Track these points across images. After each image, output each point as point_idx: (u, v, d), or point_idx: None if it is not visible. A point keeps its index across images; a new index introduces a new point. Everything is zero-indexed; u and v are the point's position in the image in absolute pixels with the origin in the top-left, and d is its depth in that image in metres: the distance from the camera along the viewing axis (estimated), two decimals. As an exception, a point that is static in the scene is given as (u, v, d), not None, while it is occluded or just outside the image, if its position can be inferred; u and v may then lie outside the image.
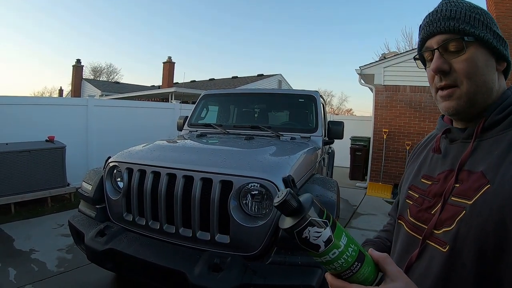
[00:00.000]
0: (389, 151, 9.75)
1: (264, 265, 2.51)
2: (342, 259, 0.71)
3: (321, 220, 0.71)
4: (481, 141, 0.92)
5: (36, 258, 4.31)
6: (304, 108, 4.90)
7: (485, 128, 0.91)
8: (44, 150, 6.41)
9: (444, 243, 0.88)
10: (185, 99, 17.37)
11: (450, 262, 0.85)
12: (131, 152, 3.31)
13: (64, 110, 7.89)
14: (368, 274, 0.74)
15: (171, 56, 24.38)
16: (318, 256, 0.72)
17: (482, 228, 0.80)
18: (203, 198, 2.69)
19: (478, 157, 0.90)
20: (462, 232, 0.84)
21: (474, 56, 0.90)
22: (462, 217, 0.85)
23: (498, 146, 0.86)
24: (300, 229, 0.69)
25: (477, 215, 0.82)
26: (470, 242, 0.82)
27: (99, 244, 2.84)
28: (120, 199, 3.12)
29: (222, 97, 5.70)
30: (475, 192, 0.84)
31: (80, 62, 27.87)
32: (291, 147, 3.62)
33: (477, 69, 0.90)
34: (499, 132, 0.89)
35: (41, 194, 6.38)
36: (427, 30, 0.97)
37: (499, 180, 0.80)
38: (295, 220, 0.70)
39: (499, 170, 0.82)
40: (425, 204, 0.99)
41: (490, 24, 0.93)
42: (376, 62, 10.04)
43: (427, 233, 0.93)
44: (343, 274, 0.73)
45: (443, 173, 0.98)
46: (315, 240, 0.69)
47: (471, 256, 0.81)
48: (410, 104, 9.44)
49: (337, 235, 0.71)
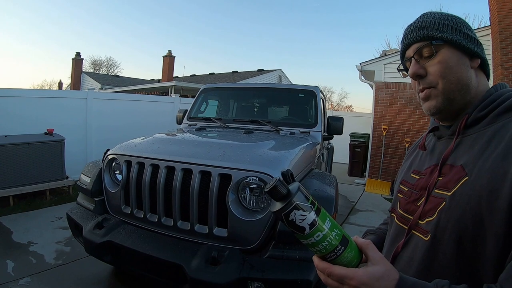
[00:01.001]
0: (388, 148, 9.76)
1: (262, 259, 2.51)
2: (326, 242, 0.78)
3: (306, 205, 0.78)
4: (464, 137, 0.98)
5: (34, 251, 4.31)
6: (304, 103, 4.89)
7: (468, 125, 0.97)
8: (43, 143, 6.40)
9: (426, 232, 0.94)
10: (185, 93, 17.37)
11: (431, 250, 0.92)
12: (130, 145, 3.31)
13: (64, 103, 7.88)
14: (351, 258, 0.81)
15: (171, 50, 24.38)
16: (304, 238, 0.79)
17: (460, 217, 0.85)
18: (202, 191, 2.68)
19: (460, 152, 0.96)
20: (442, 221, 0.89)
21: (446, 57, 0.98)
22: (442, 208, 0.90)
23: (479, 141, 0.92)
24: (287, 212, 0.77)
25: (455, 205, 0.87)
26: (449, 231, 0.87)
27: (97, 237, 2.83)
28: (119, 192, 3.11)
29: (222, 91, 5.68)
30: (455, 184, 0.90)
31: (79, 55, 27.84)
32: (291, 142, 3.61)
33: (449, 68, 0.97)
34: (481, 129, 0.94)
35: (40, 187, 6.38)
36: (404, 42, 1.08)
37: (476, 172, 0.86)
38: (282, 203, 0.78)
39: (477, 163, 0.87)
40: (413, 196, 1.06)
41: (460, 27, 1.00)
42: (376, 59, 10.03)
43: (412, 224, 1.00)
44: (328, 256, 0.80)
45: (430, 168, 1.05)
46: (300, 223, 0.77)
47: (451, 245, 0.87)
48: (410, 101, 9.44)
49: (321, 219, 0.79)
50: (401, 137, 9.59)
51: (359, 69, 10.02)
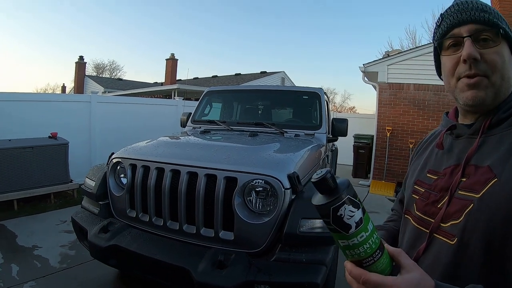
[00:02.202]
0: (392, 149, 9.73)
1: (269, 262, 2.50)
2: (367, 244, 0.73)
3: (356, 201, 0.73)
4: (487, 137, 0.93)
5: (39, 254, 4.31)
6: (308, 105, 4.89)
7: (491, 125, 0.93)
8: (47, 147, 6.40)
9: (452, 235, 0.89)
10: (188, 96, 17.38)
11: (458, 254, 0.87)
12: (135, 148, 3.30)
13: (67, 107, 7.90)
14: (385, 265, 0.76)
15: (174, 53, 24.43)
16: (346, 238, 0.73)
17: (490, 220, 0.82)
18: (207, 194, 2.68)
19: (484, 152, 0.91)
20: (470, 224, 0.85)
21: (503, 51, 0.92)
22: (470, 210, 0.86)
23: (505, 142, 0.88)
24: (336, 206, 0.71)
25: (485, 208, 0.83)
26: (478, 235, 0.84)
27: (102, 241, 2.83)
28: (124, 195, 3.11)
29: (226, 94, 5.69)
30: (483, 186, 0.86)
31: (83, 59, 27.90)
32: (296, 144, 3.60)
33: (504, 63, 0.91)
34: (504, 129, 0.91)
35: (44, 191, 6.38)
36: (457, 17, 0.96)
37: (507, 174, 0.82)
38: (332, 197, 0.72)
39: (506, 164, 0.84)
40: (432, 198, 1.01)
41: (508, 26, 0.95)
42: (379, 60, 10.01)
43: (434, 227, 0.95)
44: (364, 261, 0.74)
45: (449, 168, 0.99)
46: (348, 220, 0.71)
47: (479, 248, 0.83)
48: (414, 102, 9.41)
49: (366, 220, 0.73)
50: (405, 138, 9.55)
51: (362, 70, 9.99)
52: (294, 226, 2.50)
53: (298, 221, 2.50)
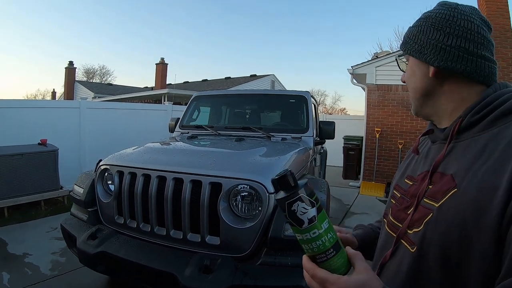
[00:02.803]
0: (381, 150, 9.80)
1: (255, 266, 2.53)
2: (319, 241, 0.79)
3: (310, 199, 0.79)
4: (458, 143, 0.91)
5: (29, 262, 4.31)
6: (296, 109, 4.92)
7: (462, 129, 0.90)
8: (36, 154, 6.39)
9: (413, 243, 0.89)
10: (178, 100, 17.37)
11: (417, 263, 0.87)
12: (122, 155, 3.33)
13: (57, 113, 7.89)
14: (339, 264, 0.80)
15: (164, 58, 24.38)
16: (300, 233, 0.80)
17: (446, 232, 0.80)
18: (193, 200, 2.70)
19: (452, 158, 0.89)
20: (428, 235, 0.84)
21: (410, 66, 1.04)
22: (429, 220, 0.85)
23: (472, 148, 0.85)
24: (291, 201, 0.79)
25: (442, 219, 0.82)
26: (435, 246, 0.82)
27: (90, 247, 2.84)
28: (112, 202, 3.13)
29: (214, 98, 5.70)
30: (443, 195, 0.84)
31: (72, 64, 27.71)
32: (282, 148, 3.64)
33: (408, 79, 1.05)
34: (475, 134, 0.87)
35: (34, 198, 6.36)
36: None
37: (466, 185, 0.79)
38: (288, 193, 0.79)
39: (468, 174, 0.81)
40: (404, 204, 1.00)
41: (423, 31, 0.99)
42: (368, 62, 10.07)
43: (401, 232, 0.95)
44: (318, 257, 0.80)
45: (422, 174, 0.98)
46: (301, 215, 0.78)
47: (436, 260, 0.82)
48: (402, 103, 9.48)
49: (320, 218, 0.80)
50: (394, 139, 9.62)
51: (351, 73, 10.05)
52: (279, 230, 2.52)
53: (282, 225, 2.52)
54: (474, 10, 0.95)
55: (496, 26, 8.44)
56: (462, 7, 0.95)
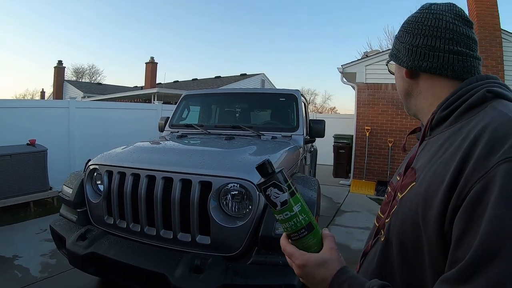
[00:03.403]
0: (372, 149, 9.85)
1: (246, 265, 2.53)
2: (292, 222, 0.88)
3: (283, 186, 0.88)
4: (430, 139, 0.94)
5: (19, 264, 4.27)
6: (286, 107, 4.92)
7: (433, 126, 0.94)
8: (25, 154, 6.33)
9: (383, 232, 0.96)
10: (168, 99, 17.32)
11: (384, 252, 0.93)
12: (111, 155, 3.31)
13: (45, 113, 7.80)
14: (312, 244, 0.90)
15: (153, 57, 24.23)
16: (276, 213, 0.90)
17: (402, 222, 0.85)
18: (183, 199, 2.69)
19: (421, 155, 0.94)
20: (392, 224, 0.91)
21: (397, 71, 1.08)
22: (394, 211, 0.92)
23: (435, 144, 0.88)
24: (265, 186, 0.88)
25: (401, 210, 0.88)
26: (395, 235, 0.88)
27: (80, 248, 2.82)
28: (101, 202, 3.11)
29: (204, 97, 5.69)
30: (405, 188, 0.90)
31: (61, 63, 27.43)
32: (272, 147, 3.64)
33: (397, 81, 1.09)
34: (443, 130, 0.90)
35: (23, 199, 6.31)
36: None
37: (422, 178, 0.84)
38: (264, 179, 0.89)
39: (425, 168, 0.85)
40: (389, 198, 1.04)
41: (402, 35, 1.02)
42: (358, 61, 10.13)
43: (381, 224, 1.01)
44: (292, 235, 0.90)
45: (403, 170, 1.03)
46: (274, 199, 0.88)
47: (397, 248, 0.87)
48: (392, 101, 9.54)
49: (293, 201, 0.88)
50: (384, 137, 9.68)
51: (341, 71, 10.10)
52: (269, 229, 2.52)
53: (273, 223, 2.52)
54: (449, 6, 0.96)
55: (485, 26, 8.55)
56: (435, 7, 0.97)
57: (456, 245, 0.68)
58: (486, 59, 8.35)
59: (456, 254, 0.67)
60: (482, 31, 8.51)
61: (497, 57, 8.58)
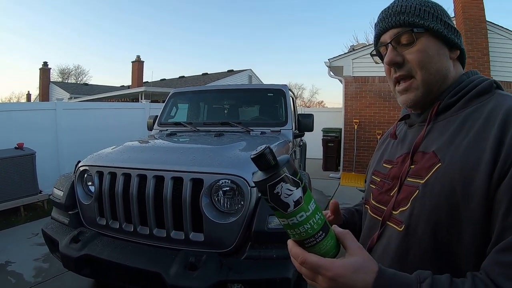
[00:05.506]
0: (360, 141, 9.93)
1: (240, 261, 2.55)
2: (308, 224, 0.71)
3: (295, 179, 0.70)
4: (436, 123, 0.96)
5: (12, 270, 4.23)
6: (274, 102, 4.94)
7: (440, 111, 0.96)
8: (13, 158, 6.26)
9: (400, 222, 0.91)
10: (156, 98, 17.27)
11: (405, 240, 0.89)
12: (101, 155, 3.29)
13: (32, 115, 7.70)
14: (329, 247, 0.74)
15: (139, 55, 24.06)
16: (285, 217, 0.71)
17: (435, 205, 0.83)
18: (175, 197, 2.69)
19: (431, 138, 0.94)
20: (416, 210, 0.87)
21: (425, 47, 0.94)
22: (416, 196, 0.88)
23: (450, 126, 0.90)
24: (273, 183, 0.69)
25: (429, 193, 0.85)
26: (424, 220, 0.85)
27: (73, 251, 2.80)
28: (92, 204, 3.09)
29: (192, 95, 5.66)
30: (427, 171, 0.87)
31: (47, 65, 27.08)
32: (261, 142, 3.65)
33: (429, 58, 0.94)
34: (452, 114, 0.93)
35: (13, 204, 6.24)
36: (380, 26, 1.03)
37: (450, 158, 0.84)
38: (269, 174, 0.69)
39: (450, 148, 0.85)
40: (385, 187, 1.03)
41: (440, 15, 0.97)
42: (344, 54, 10.18)
43: (386, 214, 0.97)
44: (306, 241, 0.73)
45: (401, 156, 1.02)
46: (285, 198, 0.69)
47: (426, 233, 0.84)
48: (379, 94, 9.63)
49: (306, 199, 0.71)
50: (373, 129, 9.76)
51: (328, 65, 10.13)
52: (262, 223, 2.53)
53: (266, 218, 2.54)
54: None
55: (471, 18, 8.67)
56: None
57: (508, 213, 0.71)
58: (472, 51, 8.46)
59: (509, 220, 0.71)
60: (467, 23, 8.61)
61: (483, 48, 8.70)
